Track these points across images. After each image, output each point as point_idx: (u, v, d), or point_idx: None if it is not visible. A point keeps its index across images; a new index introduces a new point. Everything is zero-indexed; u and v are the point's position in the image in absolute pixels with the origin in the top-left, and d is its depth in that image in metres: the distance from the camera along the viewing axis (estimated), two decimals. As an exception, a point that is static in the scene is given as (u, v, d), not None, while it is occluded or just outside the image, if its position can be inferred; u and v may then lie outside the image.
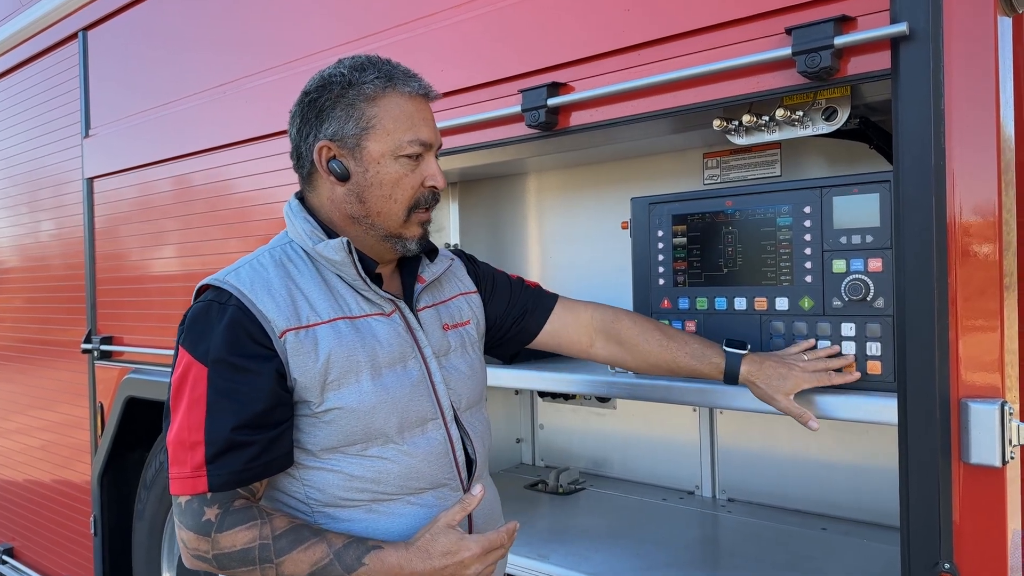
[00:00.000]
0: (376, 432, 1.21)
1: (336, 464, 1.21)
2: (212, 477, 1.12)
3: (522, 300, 1.54)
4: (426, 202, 1.28)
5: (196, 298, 1.23)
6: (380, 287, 1.28)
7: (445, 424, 1.29)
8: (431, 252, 1.37)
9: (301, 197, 1.33)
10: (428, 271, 1.38)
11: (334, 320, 1.21)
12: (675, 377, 1.58)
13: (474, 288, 1.49)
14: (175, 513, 1.17)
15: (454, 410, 1.32)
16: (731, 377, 1.42)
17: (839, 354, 1.43)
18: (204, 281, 1.23)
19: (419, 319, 1.32)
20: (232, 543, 1.12)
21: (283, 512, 1.20)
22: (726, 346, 1.45)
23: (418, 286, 1.35)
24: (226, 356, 1.14)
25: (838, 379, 1.40)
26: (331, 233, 1.26)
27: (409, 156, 1.24)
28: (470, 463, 1.33)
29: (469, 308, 1.45)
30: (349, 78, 1.23)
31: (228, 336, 1.15)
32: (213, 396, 1.13)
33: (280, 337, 1.16)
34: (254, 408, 1.13)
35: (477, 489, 1.25)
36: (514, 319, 1.53)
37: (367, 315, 1.25)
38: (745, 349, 1.44)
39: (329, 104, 1.23)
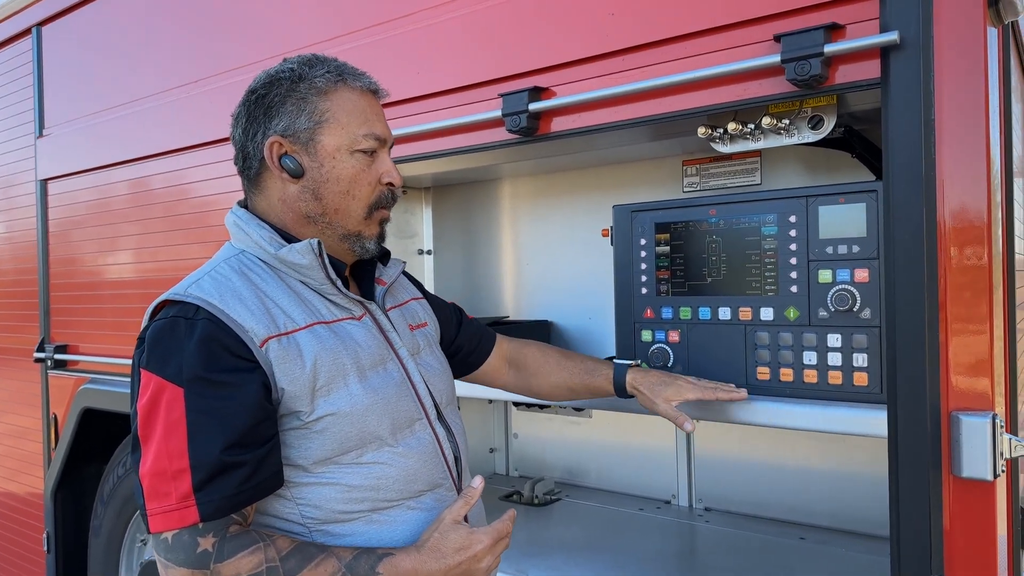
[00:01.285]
0: (371, 436, 1.16)
1: (332, 476, 1.14)
2: (203, 505, 1.03)
3: (469, 331, 1.58)
4: (385, 200, 1.25)
5: (153, 315, 1.14)
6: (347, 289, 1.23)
7: (430, 423, 1.26)
8: (384, 256, 1.34)
9: (244, 206, 1.28)
10: (386, 274, 1.34)
11: (311, 325, 1.15)
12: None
13: (420, 294, 1.48)
14: (159, 552, 1.05)
15: (436, 408, 1.29)
16: (619, 386, 1.49)
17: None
18: (161, 297, 1.13)
19: (390, 320, 1.29)
20: (236, 571, 1.04)
21: (282, 532, 1.12)
22: (615, 360, 1.53)
23: (380, 288, 1.31)
24: (203, 373, 1.06)
25: (723, 395, 1.42)
26: (289, 238, 1.20)
27: (364, 151, 1.21)
28: (457, 461, 1.30)
29: (424, 311, 1.43)
30: (299, 72, 1.20)
31: (203, 352, 1.06)
32: (194, 417, 1.04)
33: (261, 346, 1.09)
34: (241, 425, 1.05)
35: (477, 481, 1.20)
36: (464, 351, 1.56)
37: (340, 319, 1.20)
38: (633, 362, 1.53)
39: (278, 99, 1.20)
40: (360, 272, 1.32)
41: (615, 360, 1.54)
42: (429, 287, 2.56)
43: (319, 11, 2.05)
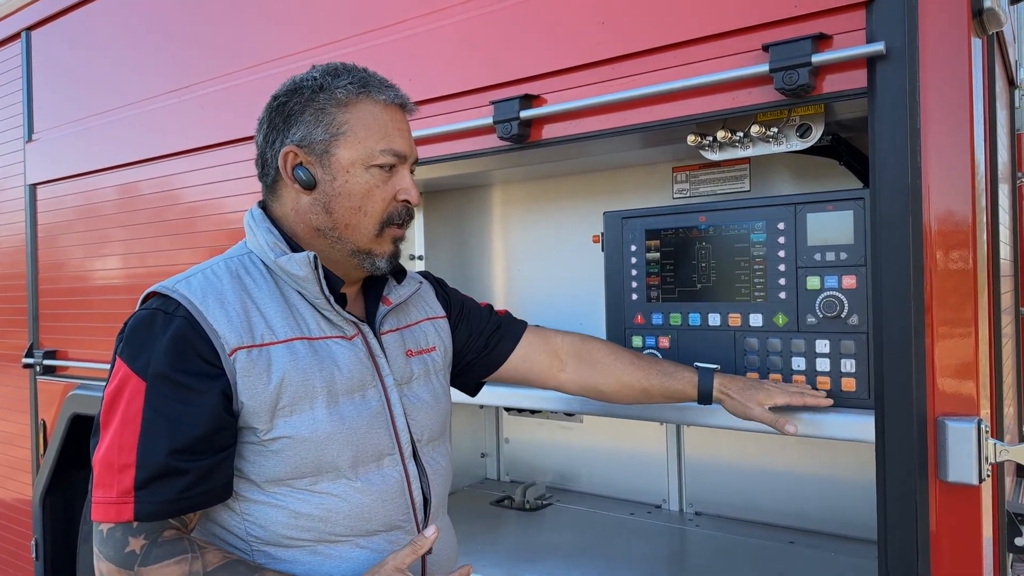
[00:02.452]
0: (327, 465, 1.12)
1: (281, 499, 1.12)
2: (140, 505, 1.02)
3: (492, 324, 1.50)
4: (399, 217, 1.21)
5: (141, 304, 1.14)
6: (344, 307, 1.20)
7: (403, 460, 1.21)
8: (399, 273, 1.30)
9: (264, 207, 1.26)
10: (395, 293, 1.30)
11: (291, 340, 1.13)
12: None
13: (443, 313, 1.43)
14: (95, 541, 1.06)
15: (413, 445, 1.23)
16: (704, 391, 1.41)
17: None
18: (152, 288, 1.13)
19: (382, 344, 1.24)
20: None
21: (216, 546, 1.10)
22: (698, 365, 1.45)
23: (382, 308, 1.27)
24: (168, 372, 1.05)
25: (811, 400, 1.38)
26: (295, 247, 1.18)
27: (381, 167, 1.18)
28: (427, 503, 1.24)
29: (436, 334, 1.38)
30: (321, 82, 1.18)
31: (172, 350, 1.06)
32: (150, 415, 1.04)
33: (230, 355, 1.07)
34: (194, 432, 1.04)
35: (430, 531, 1.14)
36: (484, 343, 1.47)
37: (327, 337, 1.17)
38: (715, 367, 1.45)
39: (298, 108, 1.18)
40: (369, 289, 1.29)
41: (697, 365, 1.46)
42: (420, 292, 2.56)
43: (311, 18, 2.06)
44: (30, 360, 3.00)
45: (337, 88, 1.17)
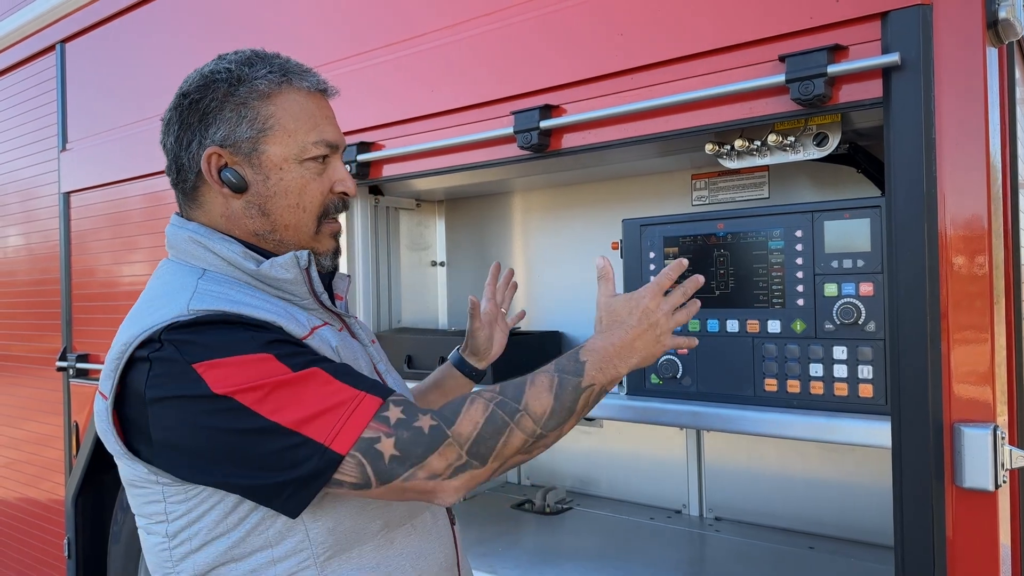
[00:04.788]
0: None
1: (345, 495, 1.03)
2: (374, 391, 0.95)
3: None
4: (335, 209, 1.15)
5: (135, 352, 0.97)
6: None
7: None
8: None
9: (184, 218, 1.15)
10: (339, 287, 1.25)
11: (322, 326, 1.10)
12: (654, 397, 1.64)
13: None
14: (378, 476, 0.93)
15: None
16: (456, 360, 1.57)
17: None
18: (147, 329, 0.95)
19: (364, 333, 1.24)
20: (473, 422, 0.97)
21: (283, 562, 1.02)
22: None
23: (339, 303, 1.23)
24: (276, 336, 0.97)
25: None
26: (261, 252, 1.11)
27: (315, 159, 1.10)
28: None
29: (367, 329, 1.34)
30: (237, 74, 1.08)
31: (256, 328, 0.97)
32: (297, 361, 0.94)
33: (303, 340, 1.03)
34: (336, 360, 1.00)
35: (600, 261, 1.24)
36: None
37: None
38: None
39: (215, 105, 1.07)
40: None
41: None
42: (442, 298, 2.60)
43: (336, 31, 2.11)
44: (63, 363, 3.08)
45: (256, 79, 1.08)
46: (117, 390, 0.99)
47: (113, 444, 1.03)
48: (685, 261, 1.22)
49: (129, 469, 1.05)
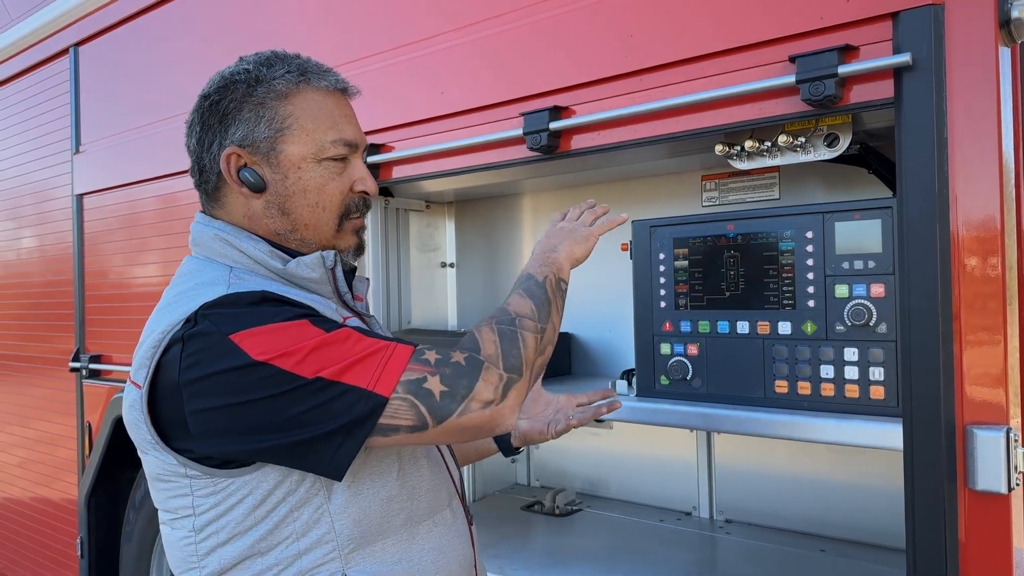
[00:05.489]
0: None
1: (371, 487, 1.06)
2: (404, 341, 0.99)
3: None
4: (357, 208, 1.16)
5: (184, 328, 0.98)
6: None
7: None
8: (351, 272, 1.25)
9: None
10: (359, 289, 1.25)
11: (349, 318, 1.12)
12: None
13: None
14: (433, 415, 0.96)
15: None
16: (504, 445, 1.49)
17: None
18: (183, 312, 0.98)
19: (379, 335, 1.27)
20: (492, 342, 1.02)
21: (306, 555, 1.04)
22: None
23: (360, 304, 1.23)
24: (311, 311, 1.00)
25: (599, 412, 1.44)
26: (290, 253, 1.13)
27: (333, 159, 1.11)
28: (461, 482, 1.28)
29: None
30: (255, 74, 1.09)
31: (292, 304, 1.00)
32: (332, 326, 0.97)
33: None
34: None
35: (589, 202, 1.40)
36: None
37: None
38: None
39: (234, 106, 1.09)
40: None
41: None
42: (452, 300, 2.61)
43: (346, 33, 2.11)
44: (76, 364, 3.10)
45: (274, 79, 1.09)
46: (152, 378, 0.99)
47: (145, 434, 1.03)
48: (603, 207, 1.38)
49: (157, 462, 1.05)
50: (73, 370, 3.12)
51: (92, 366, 3.04)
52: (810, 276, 1.48)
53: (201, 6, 2.61)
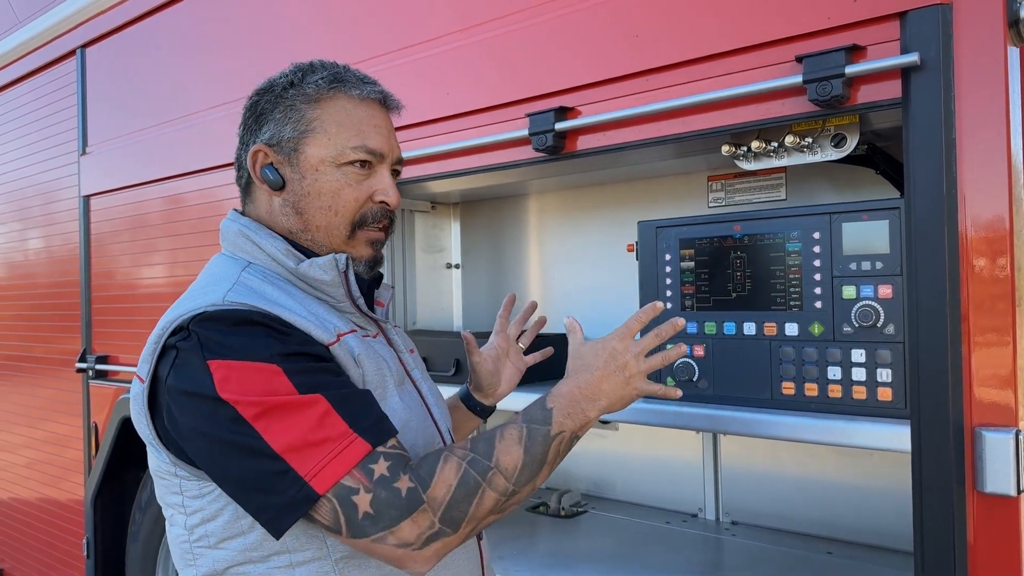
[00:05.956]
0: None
1: None
2: (368, 434, 0.93)
3: None
4: (374, 218, 1.14)
5: (174, 335, 0.99)
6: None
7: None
8: (376, 279, 1.25)
9: (243, 213, 1.20)
10: (382, 296, 1.26)
11: (348, 333, 1.09)
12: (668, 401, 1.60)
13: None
14: (349, 529, 0.91)
15: (449, 435, 1.24)
16: (463, 395, 1.51)
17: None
18: (187, 312, 0.98)
19: (400, 341, 1.24)
20: (446, 484, 0.94)
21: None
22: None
23: (379, 309, 1.24)
24: (294, 348, 0.96)
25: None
26: (302, 251, 1.13)
27: (353, 164, 1.11)
28: None
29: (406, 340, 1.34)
30: (292, 79, 1.14)
31: (279, 334, 0.97)
32: (305, 381, 0.93)
33: (327, 348, 1.02)
34: (349, 382, 0.99)
35: (567, 320, 1.23)
36: None
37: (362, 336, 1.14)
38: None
39: (269, 107, 1.13)
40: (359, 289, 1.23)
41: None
42: (457, 301, 2.61)
43: (353, 34, 2.11)
44: (83, 365, 3.11)
45: (308, 84, 1.12)
46: (152, 375, 1.01)
47: (144, 429, 1.05)
48: (660, 304, 1.19)
49: (155, 458, 1.07)
50: (79, 371, 3.13)
51: (98, 367, 3.05)
52: (817, 277, 1.47)
53: (208, 8, 2.62)
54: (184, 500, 1.04)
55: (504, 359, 1.52)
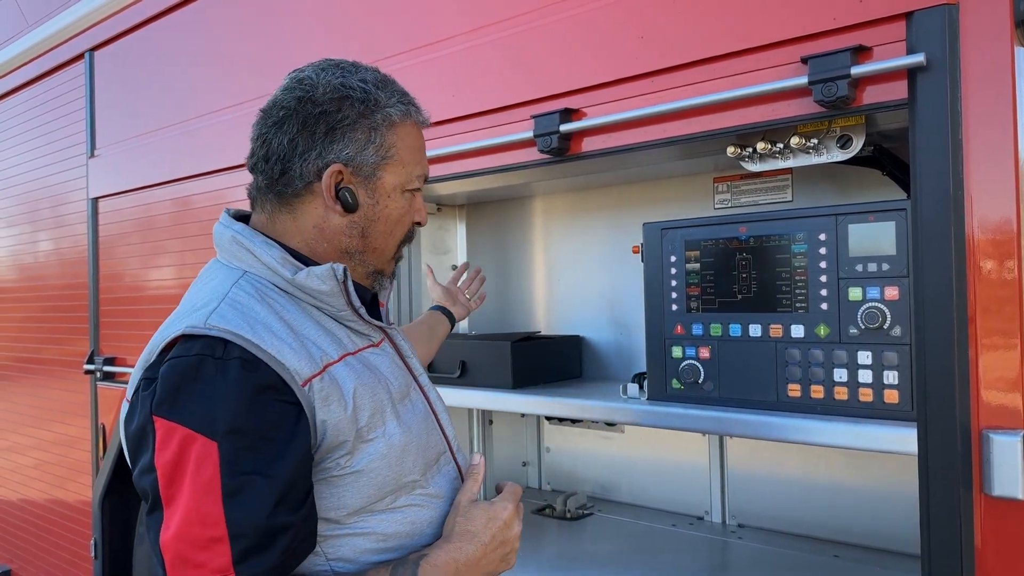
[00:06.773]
0: (406, 479, 1.06)
1: (365, 526, 1.02)
2: (252, 568, 0.88)
3: None
4: (409, 238, 1.18)
5: (166, 351, 0.96)
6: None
7: (453, 456, 1.18)
8: None
9: (244, 217, 1.15)
10: (381, 294, 1.24)
11: (344, 357, 1.04)
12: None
13: None
14: None
15: (449, 442, 1.20)
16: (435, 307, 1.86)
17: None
18: (174, 331, 0.96)
19: (407, 344, 1.23)
20: None
21: None
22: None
23: (383, 310, 1.23)
24: (244, 424, 0.90)
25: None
26: (304, 260, 1.08)
27: (412, 191, 1.14)
28: None
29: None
30: (375, 97, 1.08)
31: (241, 398, 0.91)
32: (232, 478, 0.88)
33: (303, 386, 0.95)
34: (288, 481, 0.91)
35: (476, 458, 1.15)
36: None
37: (362, 349, 1.09)
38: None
39: (348, 123, 1.06)
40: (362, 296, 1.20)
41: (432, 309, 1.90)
42: (463, 302, 2.60)
43: (359, 36, 2.12)
44: (91, 366, 3.12)
45: (389, 107, 1.09)
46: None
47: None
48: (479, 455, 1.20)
49: None
50: (88, 372, 3.14)
51: (106, 368, 3.06)
52: (823, 279, 1.46)
53: (215, 10, 2.63)
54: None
55: (455, 298, 1.95)
